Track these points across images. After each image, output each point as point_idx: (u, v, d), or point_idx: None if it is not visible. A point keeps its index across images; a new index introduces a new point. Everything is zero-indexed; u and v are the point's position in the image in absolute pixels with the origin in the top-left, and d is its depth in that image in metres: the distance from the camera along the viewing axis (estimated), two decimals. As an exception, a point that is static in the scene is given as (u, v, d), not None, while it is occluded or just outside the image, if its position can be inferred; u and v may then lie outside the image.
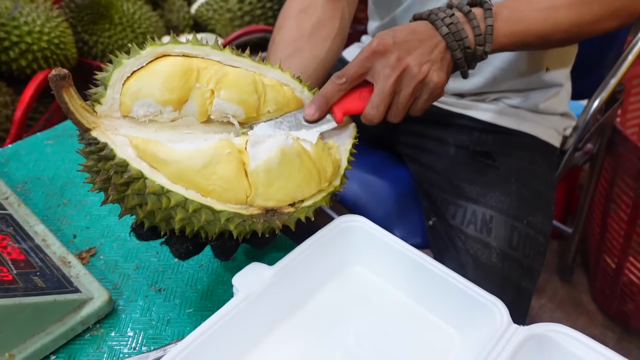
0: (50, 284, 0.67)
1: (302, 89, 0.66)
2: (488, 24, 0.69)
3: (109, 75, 0.56)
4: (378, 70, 0.64)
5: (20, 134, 1.17)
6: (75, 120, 0.54)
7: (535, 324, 0.55)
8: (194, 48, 0.59)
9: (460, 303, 0.58)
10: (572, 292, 1.63)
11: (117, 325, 0.70)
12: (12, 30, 1.18)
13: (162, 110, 0.57)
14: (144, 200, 0.54)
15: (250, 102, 0.60)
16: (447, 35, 0.67)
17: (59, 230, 0.83)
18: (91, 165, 0.56)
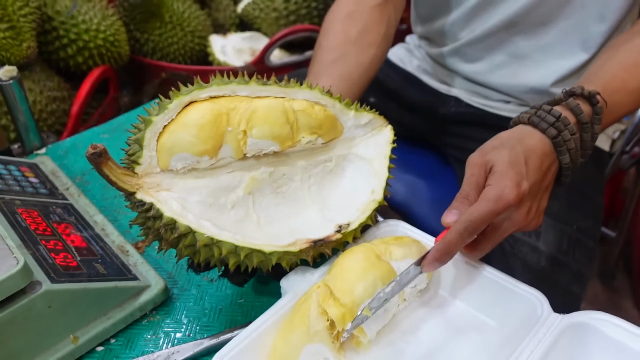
0: (111, 271, 0.71)
1: (333, 103, 0.65)
2: (595, 132, 0.64)
3: (142, 136, 0.58)
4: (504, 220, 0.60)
5: (77, 128, 1.22)
6: (119, 188, 0.57)
7: (576, 312, 0.56)
8: (220, 88, 0.60)
9: (501, 297, 0.60)
10: (614, 296, 1.61)
11: (172, 312, 0.73)
12: (70, 28, 1.23)
13: (199, 160, 0.58)
14: (197, 251, 0.57)
15: (283, 134, 0.60)
16: (566, 166, 0.64)
17: (116, 221, 0.87)
18: (141, 223, 0.60)
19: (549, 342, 0.54)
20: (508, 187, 0.57)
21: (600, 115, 0.63)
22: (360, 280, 0.57)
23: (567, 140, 0.62)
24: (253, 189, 0.62)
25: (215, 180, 0.60)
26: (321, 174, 0.66)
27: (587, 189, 0.92)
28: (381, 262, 0.60)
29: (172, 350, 0.66)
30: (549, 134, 0.62)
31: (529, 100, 0.99)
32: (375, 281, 0.58)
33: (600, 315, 0.56)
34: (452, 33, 0.98)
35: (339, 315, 0.56)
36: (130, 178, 0.58)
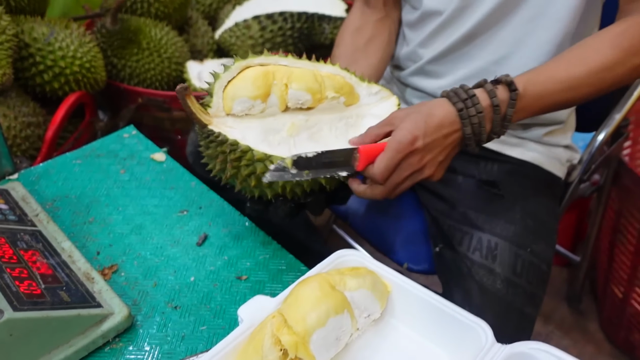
0: (75, 298, 0.73)
1: (350, 76, 0.84)
2: (508, 114, 0.76)
3: (212, 87, 0.77)
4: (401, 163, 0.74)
5: (51, 153, 1.23)
6: (197, 119, 0.73)
7: (517, 343, 0.59)
8: (267, 58, 0.80)
9: (449, 326, 0.62)
10: (580, 320, 1.64)
11: (135, 339, 0.75)
12: (47, 55, 1.25)
13: (254, 104, 0.76)
14: (254, 168, 0.73)
15: (314, 89, 0.78)
16: (468, 136, 0.76)
17: (84, 247, 0.88)
18: (211, 153, 0.76)
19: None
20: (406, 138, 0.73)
21: (514, 100, 0.75)
22: (313, 309, 0.60)
23: (472, 115, 0.74)
24: (293, 132, 0.78)
25: (265, 122, 0.77)
26: (345, 126, 0.82)
27: (541, 214, 0.96)
28: (335, 292, 0.62)
29: (132, 377, 0.68)
30: (457, 107, 0.75)
31: None
32: (328, 310, 0.60)
33: (539, 346, 0.59)
34: (416, 54, 1.03)
35: (291, 342, 0.58)
36: (205, 115, 0.75)
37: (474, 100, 0.75)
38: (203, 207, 0.97)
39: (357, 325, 0.64)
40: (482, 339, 0.60)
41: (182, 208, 0.97)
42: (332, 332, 0.60)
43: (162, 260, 0.87)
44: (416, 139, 0.73)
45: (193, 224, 0.94)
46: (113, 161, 1.08)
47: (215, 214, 0.95)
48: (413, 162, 0.74)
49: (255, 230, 0.92)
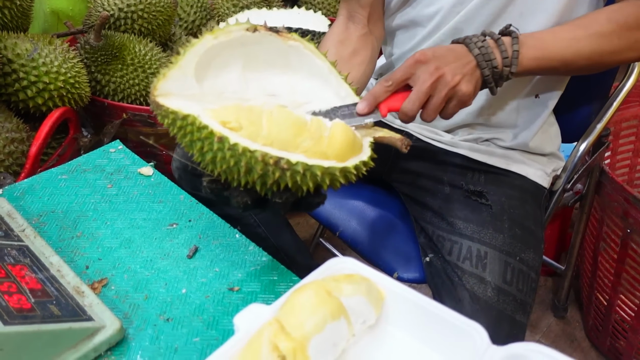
0: (66, 312, 0.72)
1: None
2: (514, 49, 0.82)
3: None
4: (418, 75, 0.77)
5: (35, 169, 1.22)
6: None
7: (513, 344, 0.59)
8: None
9: (445, 330, 0.63)
10: (566, 328, 1.66)
11: (127, 353, 0.73)
12: (30, 71, 1.24)
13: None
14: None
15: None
16: (477, 56, 0.81)
17: (72, 262, 0.87)
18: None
19: (487, 372, 0.57)
20: (414, 55, 0.79)
21: (516, 37, 0.83)
22: (310, 315, 0.59)
23: (476, 41, 0.82)
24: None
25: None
26: None
27: (528, 223, 0.97)
28: (331, 298, 0.62)
29: (126, 391, 0.67)
30: (460, 40, 0.83)
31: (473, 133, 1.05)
32: (325, 316, 0.60)
33: (535, 347, 0.59)
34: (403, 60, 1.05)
35: (290, 349, 0.57)
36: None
37: (480, 37, 0.83)
38: (193, 220, 0.96)
39: (353, 331, 0.64)
40: (477, 341, 0.60)
41: (171, 221, 0.96)
42: (329, 338, 0.60)
43: (152, 273, 0.86)
44: (424, 52, 0.78)
45: (183, 236, 0.93)
46: (100, 176, 1.07)
47: (205, 227, 0.95)
48: (429, 70, 0.77)
49: (246, 242, 0.92)
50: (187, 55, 0.70)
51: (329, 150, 0.67)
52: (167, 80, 0.69)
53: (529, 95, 1.03)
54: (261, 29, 0.74)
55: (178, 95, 0.69)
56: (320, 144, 0.67)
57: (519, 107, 1.03)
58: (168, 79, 0.69)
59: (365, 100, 0.76)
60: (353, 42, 1.03)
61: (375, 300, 0.66)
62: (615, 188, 1.27)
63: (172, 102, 0.67)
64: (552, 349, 0.58)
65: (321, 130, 0.68)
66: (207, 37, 0.72)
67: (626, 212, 1.27)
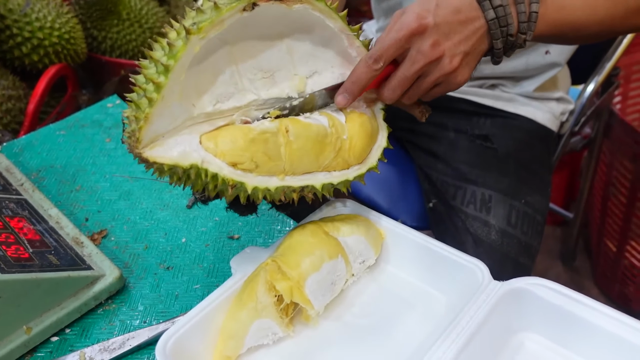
0: (65, 261, 0.71)
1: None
2: (533, 10, 0.64)
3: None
4: (411, 53, 0.60)
5: (34, 126, 1.21)
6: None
7: (515, 279, 0.58)
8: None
9: (445, 268, 0.62)
10: (575, 276, 1.65)
11: (128, 300, 0.73)
12: (24, 27, 1.22)
13: None
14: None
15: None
16: (492, 21, 0.61)
17: (72, 214, 0.87)
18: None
19: (488, 307, 0.56)
20: (408, 14, 0.59)
21: None
22: (307, 254, 0.59)
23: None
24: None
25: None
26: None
27: (534, 166, 0.95)
28: (328, 238, 0.61)
29: (127, 337, 0.67)
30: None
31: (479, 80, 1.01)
32: (322, 255, 0.59)
33: (537, 281, 0.58)
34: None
35: (286, 288, 0.57)
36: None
37: None
38: (192, 171, 0.95)
39: (352, 271, 0.63)
40: (478, 277, 0.59)
41: (170, 173, 0.95)
42: (327, 277, 0.59)
43: (152, 224, 0.85)
44: (423, 16, 0.58)
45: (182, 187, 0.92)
46: (98, 131, 1.06)
47: (205, 177, 0.94)
48: (424, 49, 0.58)
49: (246, 190, 0.91)
50: (170, 77, 0.53)
51: (351, 157, 0.63)
52: (151, 123, 0.53)
53: (539, 50, 0.98)
54: (261, 2, 0.57)
55: (167, 136, 0.55)
56: (342, 154, 0.62)
57: (527, 62, 0.99)
58: (151, 122, 0.53)
59: (346, 91, 0.62)
60: None
61: (374, 240, 0.65)
62: (625, 130, 1.24)
63: (163, 151, 0.54)
64: (552, 282, 0.57)
65: (340, 133, 0.62)
66: (193, 40, 0.54)
67: (636, 154, 1.24)
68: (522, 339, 0.59)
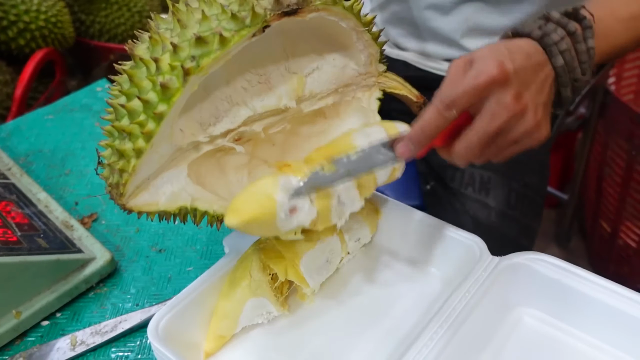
0: (54, 245, 0.70)
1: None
2: (590, 46, 0.57)
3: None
4: (491, 104, 0.51)
5: (22, 111, 1.19)
6: None
7: (513, 254, 0.57)
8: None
9: (442, 245, 0.61)
10: (570, 258, 1.65)
11: (120, 283, 0.72)
12: (9, 10, 1.19)
13: None
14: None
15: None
16: (560, 68, 0.55)
17: (61, 198, 0.85)
18: None
19: (487, 282, 0.55)
20: (489, 64, 0.50)
21: (591, 28, 0.57)
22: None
23: (557, 41, 0.55)
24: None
25: None
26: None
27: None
28: None
29: (119, 319, 0.66)
30: (534, 35, 0.55)
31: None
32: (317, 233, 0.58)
33: (535, 255, 0.57)
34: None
35: (281, 266, 0.56)
36: None
37: (550, 26, 0.56)
38: (183, 154, 0.94)
39: (347, 249, 0.62)
40: (476, 253, 0.58)
41: (161, 155, 0.93)
42: (321, 255, 0.58)
43: (143, 207, 0.84)
44: (502, 62, 0.50)
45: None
46: (87, 115, 1.04)
47: (196, 159, 0.92)
48: (507, 101, 0.50)
49: (239, 172, 0.90)
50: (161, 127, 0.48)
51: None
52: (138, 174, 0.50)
53: None
54: (273, 21, 0.49)
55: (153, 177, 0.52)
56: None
57: None
58: (138, 172, 0.50)
59: (412, 142, 0.52)
60: None
61: (370, 218, 0.64)
62: (620, 108, 1.23)
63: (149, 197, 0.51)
64: (550, 256, 0.57)
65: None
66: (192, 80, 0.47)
67: (632, 133, 1.23)
68: (521, 314, 0.58)
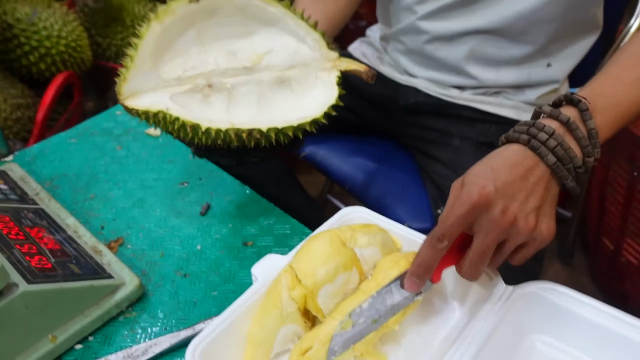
0: (86, 270, 0.73)
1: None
2: (590, 128, 0.60)
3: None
4: (479, 224, 0.57)
5: (43, 134, 1.22)
6: None
7: (526, 283, 0.61)
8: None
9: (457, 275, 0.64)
10: (573, 274, 1.69)
11: (148, 308, 0.75)
12: (32, 35, 1.23)
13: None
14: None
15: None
16: (555, 165, 0.59)
17: (88, 223, 0.88)
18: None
19: (501, 311, 0.59)
20: (471, 191, 0.56)
21: (587, 110, 0.60)
22: (323, 264, 0.61)
23: (545, 140, 0.59)
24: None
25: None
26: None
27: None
28: (345, 249, 0.63)
29: (149, 344, 0.69)
30: (522, 141, 0.60)
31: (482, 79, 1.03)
32: (337, 267, 0.61)
33: (548, 285, 0.61)
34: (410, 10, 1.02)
35: (301, 295, 0.59)
36: None
37: (538, 125, 0.60)
38: (203, 179, 0.97)
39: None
40: (491, 282, 0.62)
41: (182, 180, 0.97)
42: (340, 288, 0.61)
43: (167, 231, 0.87)
44: (483, 185, 0.56)
45: (194, 195, 0.94)
46: (108, 138, 1.08)
47: (216, 184, 0.96)
48: (495, 217, 0.56)
49: (257, 197, 0.93)
50: (139, 52, 0.71)
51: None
52: (128, 81, 0.72)
53: (541, 63, 1.01)
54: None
55: (143, 92, 0.73)
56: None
57: (530, 75, 1.01)
58: (128, 80, 0.72)
59: (414, 277, 0.59)
60: None
61: (390, 251, 0.68)
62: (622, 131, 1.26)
63: (138, 101, 0.72)
64: (563, 286, 0.60)
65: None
66: (154, 25, 0.71)
67: (633, 155, 1.27)
68: (534, 340, 0.62)
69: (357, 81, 1.16)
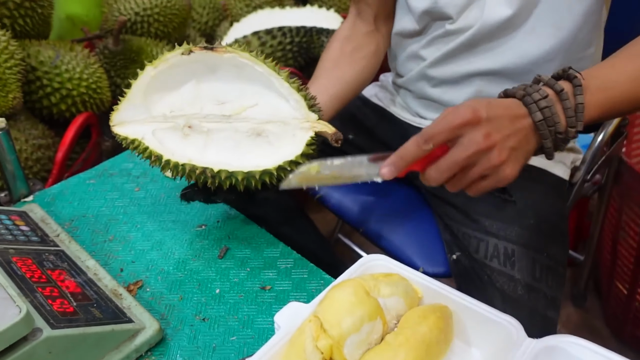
0: (107, 314, 0.74)
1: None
2: (579, 102, 0.67)
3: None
4: (462, 140, 0.64)
5: (62, 174, 1.24)
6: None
7: (548, 337, 0.61)
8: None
9: (481, 325, 0.64)
10: (586, 317, 1.67)
11: (167, 352, 0.76)
12: (54, 78, 1.26)
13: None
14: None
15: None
16: (539, 123, 0.66)
17: (107, 265, 0.89)
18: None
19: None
20: (463, 107, 0.64)
21: (580, 85, 0.67)
22: (348, 314, 0.61)
23: (538, 99, 0.66)
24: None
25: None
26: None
27: (552, 217, 0.98)
28: (369, 299, 0.64)
29: (169, 389, 0.69)
30: (518, 95, 0.68)
31: None
32: (362, 317, 0.61)
33: (570, 339, 0.61)
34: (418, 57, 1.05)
35: (327, 346, 0.59)
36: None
37: (535, 87, 0.67)
38: (220, 221, 0.98)
39: (387, 331, 0.66)
40: (513, 334, 0.62)
41: (199, 223, 0.98)
42: (365, 338, 0.62)
43: (185, 274, 0.88)
44: (477, 109, 0.63)
45: (212, 237, 0.95)
46: (126, 179, 1.10)
47: (234, 228, 0.97)
48: (477, 138, 0.63)
49: (275, 241, 0.94)
50: (132, 89, 0.83)
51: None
52: (120, 111, 0.84)
53: None
54: (196, 50, 0.81)
55: (129, 122, 0.84)
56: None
57: None
58: (120, 110, 0.84)
59: (392, 165, 0.66)
60: (358, 38, 1.07)
61: (411, 300, 0.68)
62: (634, 177, 1.28)
63: (123, 129, 0.83)
64: (586, 341, 0.60)
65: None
66: (148, 69, 0.82)
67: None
68: (556, 394, 0.61)
69: (369, 122, 1.19)
